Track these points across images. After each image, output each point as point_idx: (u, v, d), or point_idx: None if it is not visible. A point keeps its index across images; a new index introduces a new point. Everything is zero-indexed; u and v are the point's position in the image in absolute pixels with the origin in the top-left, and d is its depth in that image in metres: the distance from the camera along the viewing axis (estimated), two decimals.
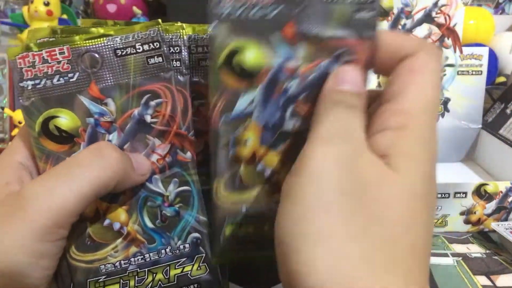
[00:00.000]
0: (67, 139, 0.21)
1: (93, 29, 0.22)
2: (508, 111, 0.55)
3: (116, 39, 0.20)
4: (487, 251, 0.41)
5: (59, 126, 0.21)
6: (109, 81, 0.20)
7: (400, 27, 0.56)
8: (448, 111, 0.58)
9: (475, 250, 0.42)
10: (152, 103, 0.21)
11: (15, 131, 0.58)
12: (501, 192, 0.43)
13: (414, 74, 0.18)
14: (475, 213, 0.43)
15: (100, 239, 0.22)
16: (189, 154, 0.22)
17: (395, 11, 0.55)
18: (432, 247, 0.42)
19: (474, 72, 0.57)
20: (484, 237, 0.44)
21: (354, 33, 0.17)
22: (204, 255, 0.24)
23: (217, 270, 0.24)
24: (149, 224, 0.23)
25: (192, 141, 0.22)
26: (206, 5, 0.63)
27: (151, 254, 0.23)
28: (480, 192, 0.43)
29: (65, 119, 0.21)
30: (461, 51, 0.56)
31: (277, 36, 0.17)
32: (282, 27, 0.17)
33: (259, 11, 0.17)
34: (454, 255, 0.41)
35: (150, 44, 0.20)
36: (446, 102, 0.58)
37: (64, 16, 0.71)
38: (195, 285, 0.24)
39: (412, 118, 0.17)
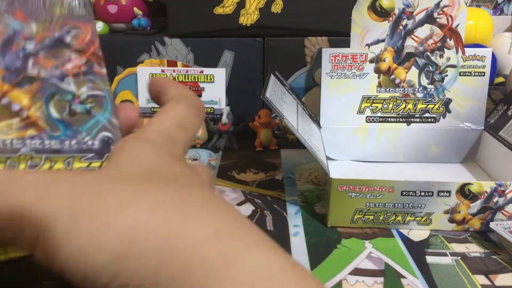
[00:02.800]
0: None
1: None
2: (509, 112, 0.55)
3: None
4: (486, 251, 0.42)
5: None
6: (34, 12, 0.23)
7: (401, 27, 0.56)
8: (449, 112, 0.58)
9: (474, 249, 0.42)
10: (73, 31, 0.24)
11: None
12: (486, 192, 0.43)
13: (160, 112, 0.23)
14: (459, 212, 0.44)
15: None
16: (104, 69, 0.24)
17: (396, 11, 0.55)
18: (431, 246, 0.42)
19: (476, 73, 0.57)
20: (483, 236, 0.44)
21: (71, 16, 0.24)
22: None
23: None
24: (55, 114, 0.22)
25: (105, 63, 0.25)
26: (206, 5, 0.64)
27: (52, 141, 0.22)
28: (464, 192, 0.43)
29: None
30: (463, 52, 0.56)
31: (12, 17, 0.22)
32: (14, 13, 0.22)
33: None
34: (453, 254, 0.41)
35: None
36: (447, 103, 0.58)
37: None
38: None
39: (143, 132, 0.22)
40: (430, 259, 0.40)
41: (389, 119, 0.59)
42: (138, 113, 0.26)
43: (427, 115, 0.59)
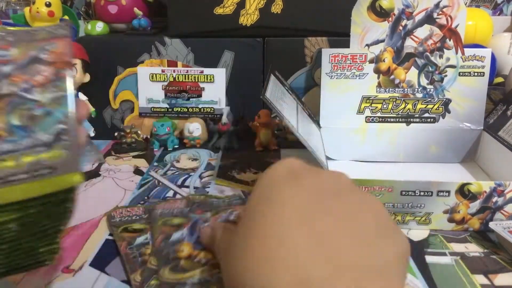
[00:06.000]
0: None
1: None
2: (509, 113, 0.55)
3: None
4: (485, 250, 0.42)
5: None
6: (18, 41, 0.28)
7: (401, 28, 0.56)
8: (449, 112, 0.58)
9: (473, 249, 0.42)
10: (48, 47, 0.28)
11: None
12: (485, 192, 0.43)
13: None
14: (459, 212, 0.44)
15: None
16: (69, 71, 0.28)
17: (396, 12, 0.55)
18: (431, 246, 0.43)
19: (476, 74, 0.57)
20: (482, 236, 0.44)
21: (51, 37, 0.29)
22: (68, 143, 0.26)
23: (78, 154, 0.26)
24: (16, 122, 0.26)
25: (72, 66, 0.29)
26: (206, 5, 0.64)
27: (7, 144, 0.25)
28: (463, 192, 0.43)
29: None
30: (463, 53, 0.56)
31: None
32: None
33: None
34: (452, 254, 0.41)
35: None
36: (447, 103, 0.58)
37: (66, 17, 0.71)
38: (49, 170, 0.25)
39: None
40: (429, 258, 0.41)
41: (388, 119, 0.59)
42: (88, 110, 0.29)
43: (426, 115, 0.59)
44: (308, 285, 0.20)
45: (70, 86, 0.28)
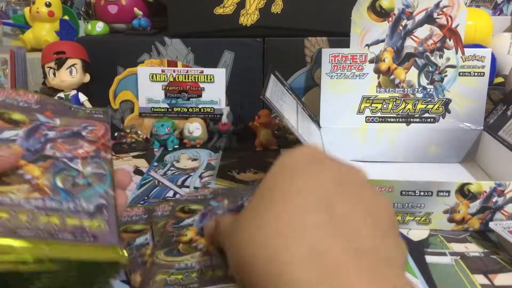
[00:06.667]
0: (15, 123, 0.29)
1: None
2: (509, 113, 0.55)
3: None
4: (485, 250, 0.42)
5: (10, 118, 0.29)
6: (60, 113, 0.32)
7: (401, 28, 0.56)
8: (449, 112, 0.58)
9: (473, 249, 0.42)
10: (89, 127, 0.32)
11: None
12: (485, 192, 0.43)
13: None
14: (459, 212, 0.44)
15: (7, 179, 0.26)
16: (109, 155, 0.31)
17: (396, 12, 0.55)
18: (431, 246, 0.43)
19: (476, 74, 0.57)
20: (482, 236, 0.44)
21: (90, 118, 0.33)
22: (107, 218, 0.28)
23: (117, 230, 0.28)
24: (59, 184, 0.28)
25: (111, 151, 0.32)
26: (206, 5, 0.64)
27: (53, 202, 0.27)
28: (463, 191, 0.43)
29: (16, 115, 0.30)
30: (463, 53, 0.56)
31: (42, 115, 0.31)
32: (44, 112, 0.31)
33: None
34: (452, 254, 0.41)
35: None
36: (447, 103, 0.58)
37: (66, 17, 0.71)
38: (91, 238, 0.26)
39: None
40: (429, 258, 0.40)
41: (388, 119, 0.59)
42: (129, 180, 0.33)
43: (426, 115, 0.59)
44: (325, 258, 0.19)
45: (111, 168, 0.31)
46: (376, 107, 0.59)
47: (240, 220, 0.24)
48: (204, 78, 0.68)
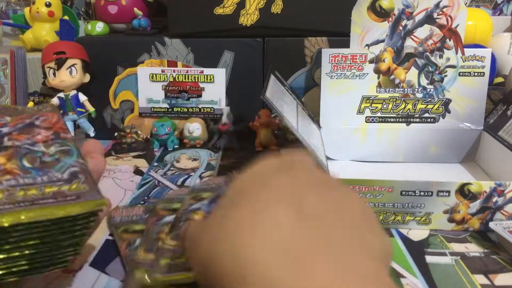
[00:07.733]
0: None
1: None
2: (509, 113, 0.55)
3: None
4: (485, 250, 0.42)
5: None
6: (9, 112, 0.33)
7: (401, 28, 0.56)
8: (449, 112, 0.58)
9: (474, 249, 0.42)
10: (41, 118, 0.33)
11: None
12: (485, 192, 0.43)
13: None
14: (459, 212, 0.44)
15: None
16: (69, 135, 0.33)
17: (396, 12, 0.55)
18: (431, 246, 0.43)
19: (476, 74, 0.57)
20: (482, 236, 0.44)
21: (40, 112, 0.35)
22: (84, 179, 0.29)
23: (97, 188, 0.29)
24: (28, 164, 0.29)
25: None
26: (206, 5, 0.64)
27: (25, 179, 0.28)
28: (463, 191, 0.43)
29: None
30: (463, 53, 0.56)
31: None
32: None
33: None
34: (452, 254, 0.41)
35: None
36: (447, 103, 0.58)
37: (66, 17, 0.71)
38: (73, 197, 0.28)
39: None
40: (429, 258, 0.40)
41: (388, 119, 0.59)
42: (100, 147, 0.35)
43: (426, 115, 0.59)
44: (290, 251, 0.19)
45: (74, 143, 0.32)
46: (376, 107, 0.59)
47: (205, 223, 0.24)
48: (204, 78, 0.68)
